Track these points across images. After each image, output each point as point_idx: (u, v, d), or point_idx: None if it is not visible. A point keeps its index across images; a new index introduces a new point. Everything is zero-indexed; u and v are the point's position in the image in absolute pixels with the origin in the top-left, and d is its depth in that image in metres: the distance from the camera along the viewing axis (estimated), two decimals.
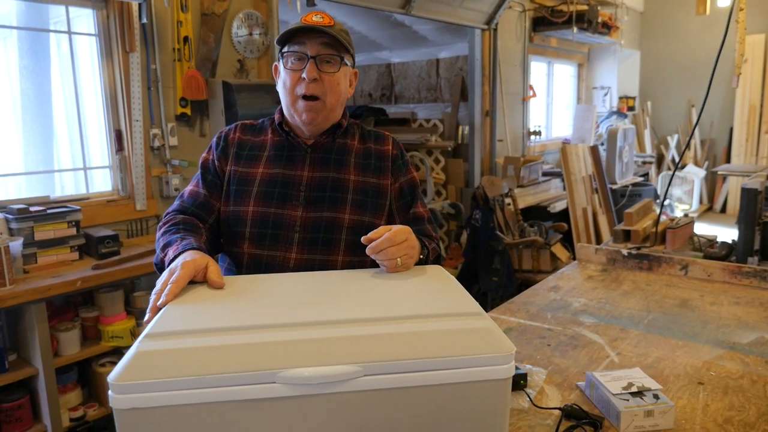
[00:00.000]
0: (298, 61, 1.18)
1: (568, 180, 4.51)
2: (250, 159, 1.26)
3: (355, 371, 0.66)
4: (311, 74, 1.16)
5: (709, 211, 7.24)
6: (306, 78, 1.16)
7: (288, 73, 1.19)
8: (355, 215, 1.22)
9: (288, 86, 1.20)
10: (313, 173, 1.23)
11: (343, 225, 1.20)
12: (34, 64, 2.47)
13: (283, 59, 1.21)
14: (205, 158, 1.29)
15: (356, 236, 1.20)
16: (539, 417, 1.03)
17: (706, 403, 1.06)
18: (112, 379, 0.66)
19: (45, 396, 2.03)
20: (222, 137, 1.30)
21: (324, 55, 1.18)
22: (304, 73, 1.16)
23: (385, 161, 1.29)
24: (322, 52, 1.17)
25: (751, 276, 1.74)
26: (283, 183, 1.22)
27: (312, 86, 1.17)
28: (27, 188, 2.47)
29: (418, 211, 1.32)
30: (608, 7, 6.12)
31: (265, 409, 0.66)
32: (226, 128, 1.32)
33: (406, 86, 5.56)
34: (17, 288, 1.93)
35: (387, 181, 1.28)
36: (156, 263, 1.13)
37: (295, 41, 1.18)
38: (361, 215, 1.23)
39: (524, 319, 1.50)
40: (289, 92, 1.20)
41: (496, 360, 0.67)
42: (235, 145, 1.28)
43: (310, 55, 1.17)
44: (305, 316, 0.75)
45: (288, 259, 1.18)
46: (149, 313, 0.87)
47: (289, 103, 1.22)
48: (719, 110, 7.20)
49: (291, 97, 1.20)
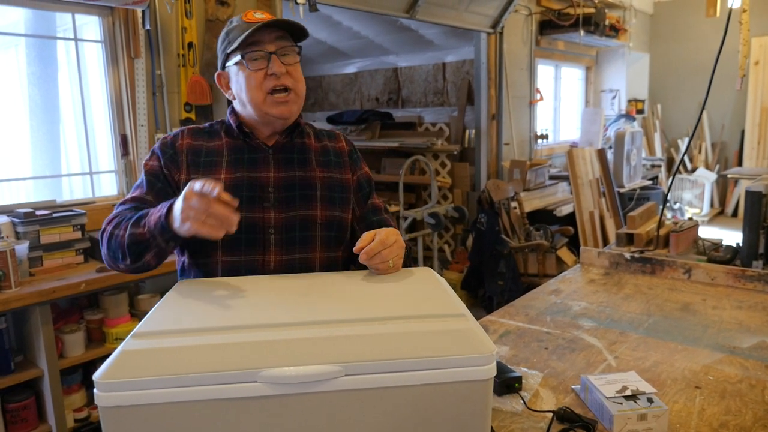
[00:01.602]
0: (259, 60, 1.16)
1: (575, 183, 4.49)
2: (209, 165, 1.21)
3: (335, 371, 0.66)
4: (280, 68, 1.15)
5: (720, 215, 7.16)
6: (276, 73, 1.15)
7: (252, 74, 1.16)
8: (327, 211, 1.23)
9: (253, 85, 1.16)
10: (279, 174, 1.22)
11: (316, 222, 1.21)
12: (41, 70, 2.51)
13: (239, 64, 1.18)
14: (152, 165, 1.21)
15: (329, 231, 1.23)
16: (532, 420, 1.03)
17: (702, 407, 1.05)
18: (97, 378, 0.67)
19: (50, 397, 2.05)
20: (168, 144, 1.23)
21: (282, 49, 1.17)
22: (272, 70, 1.15)
23: (343, 157, 1.31)
24: (279, 46, 1.17)
25: (755, 280, 1.71)
26: (250, 186, 1.19)
27: (284, 79, 1.16)
28: (35, 192, 2.51)
29: (375, 202, 1.34)
30: (616, 10, 6.09)
31: (247, 407, 0.67)
32: (169, 135, 1.25)
33: (412, 90, 5.57)
34: (23, 290, 1.96)
35: (348, 176, 1.30)
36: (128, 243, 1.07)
37: (248, 42, 1.16)
38: (332, 210, 1.24)
39: (523, 323, 1.50)
40: (256, 91, 1.17)
41: (476, 361, 0.67)
42: (188, 152, 1.22)
43: (271, 51, 1.16)
44: (288, 317, 0.75)
45: (268, 262, 1.17)
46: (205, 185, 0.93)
47: (258, 103, 1.18)
48: (730, 113, 7.13)
49: (260, 96, 1.17)
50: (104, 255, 1.14)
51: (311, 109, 6.49)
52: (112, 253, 1.11)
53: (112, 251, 1.11)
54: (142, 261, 1.09)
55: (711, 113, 7.30)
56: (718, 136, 7.29)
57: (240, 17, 1.20)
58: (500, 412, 1.05)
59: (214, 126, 1.28)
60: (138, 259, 1.09)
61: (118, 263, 1.12)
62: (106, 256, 1.13)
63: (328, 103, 6.32)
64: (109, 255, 1.12)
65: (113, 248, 1.10)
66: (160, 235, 1.04)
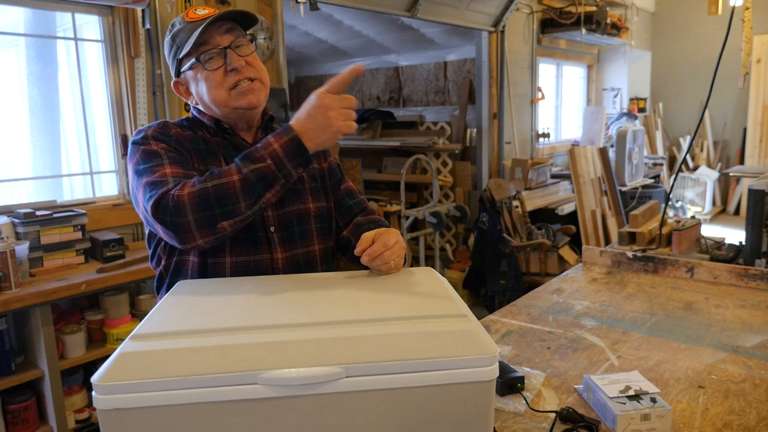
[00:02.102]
0: (215, 59, 1.11)
1: (577, 182, 4.48)
2: (209, 155, 1.14)
3: (337, 373, 0.65)
4: (239, 62, 1.11)
5: (722, 213, 7.14)
6: (236, 68, 1.10)
7: (211, 74, 1.11)
8: (317, 202, 1.22)
9: (215, 84, 1.11)
10: None
11: (310, 214, 1.20)
12: (41, 70, 2.51)
13: (195, 67, 1.12)
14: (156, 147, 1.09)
15: (322, 223, 1.22)
16: (535, 420, 1.02)
17: (706, 407, 1.04)
18: (96, 380, 0.66)
19: (51, 398, 2.05)
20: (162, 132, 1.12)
21: (235, 41, 1.12)
22: (231, 65, 1.10)
23: None
24: (231, 39, 1.12)
25: (758, 279, 1.70)
26: None
27: (245, 71, 1.12)
28: (35, 193, 2.50)
29: (349, 186, 1.32)
30: (618, 8, 6.07)
31: (248, 410, 0.66)
32: (150, 127, 1.14)
33: (414, 89, 5.56)
34: (23, 291, 1.95)
35: (323, 165, 1.29)
36: (247, 183, 0.95)
37: (199, 43, 1.10)
38: (320, 201, 1.23)
39: (525, 322, 1.49)
40: (217, 89, 1.11)
41: (479, 362, 0.66)
42: (185, 140, 1.13)
43: (225, 46, 1.11)
44: (289, 318, 0.75)
45: (276, 260, 1.15)
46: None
47: (223, 101, 1.12)
48: (732, 111, 7.11)
49: (223, 94, 1.11)
50: (190, 222, 0.95)
51: None
52: (208, 210, 0.95)
53: (209, 206, 0.95)
54: (259, 203, 0.98)
55: (713, 111, 7.28)
56: (720, 134, 7.27)
57: (181, 17, 1.14)
58: (503, 412, 1.04)
59: (187, 122, 1.20)
60: (256, 202, 0.97)
61: (219, 221, 0.96)
62: (197, 222, 0.96)
63: None
64: (203, 215, 0.95)
65: (210, 202, 0.95)
66: (292, 159, 0.96)
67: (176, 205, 0.95)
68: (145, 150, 1.08)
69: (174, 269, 1.13)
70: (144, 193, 1.01)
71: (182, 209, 0.95)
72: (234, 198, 0.96)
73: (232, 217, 0.97)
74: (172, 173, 1.04)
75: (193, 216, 0.95)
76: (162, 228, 0.98)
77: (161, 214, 0.96)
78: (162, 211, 0.96)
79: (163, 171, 1.03)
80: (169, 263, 1.14)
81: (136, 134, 1.13)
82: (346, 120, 0.99)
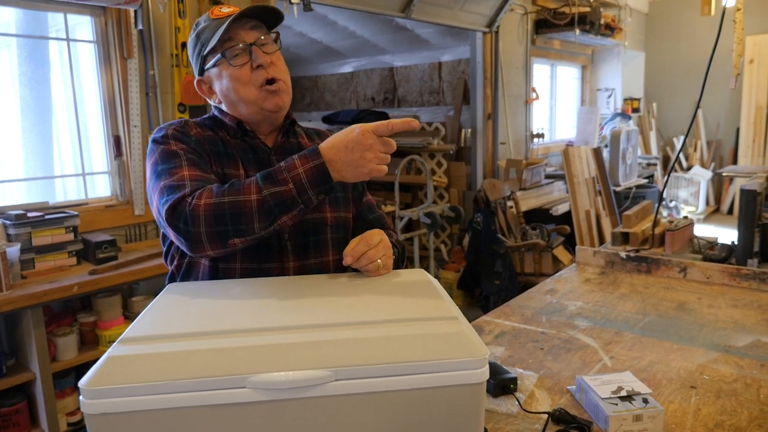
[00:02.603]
0: (240, 55, 1.10)
1: (571, 182, 4.49)
2: (228, 158, 1.13)
3: (325, 376, 0.65)
4: (264, 59, 1.10)
5: (716, 213, 7.17)
6: (262, 64, 1.09)
7: (237, 70, 1.10)
8: (335, 212, 1.19)
9: (243, 81, 1.10)
10: None
11: (327, 224, 1.17)
12: (33, 71, 2.49)
13: (220, 64, 1.12)
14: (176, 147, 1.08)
15: (339, 233, 1.19)
16: (527, 421, 1.02)
17: (698, 407, 1.04)
18: (83, 385, 0.66)
19: (42, 401, 2.04)
20: (182, 131, 1.11)
21: (260, 39, 1.12)
22: (257, 61, 1.09)
23: None
24: (256, 36, 1.11)
25: (750, 278, 1.71)
26: None
27: (271, 70, 1.11)
28: (27, 194, 2.49)
29: (369, 200, 1.31)
30: (611, 9, 6.09)
31: (236, 414, 0.66)
32: (171, 125, 1.13)
33: (408, 90, 5.57)
34: (14, 293, 1.94)
35: None
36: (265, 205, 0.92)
37: (224, 39, 1.10)
38: (338, 211, 1.20)
39: (519, 323, 1.49)
40: (246, 87, 1.10)
41: (469, 364, 0.66)
42: (204, 142, 1.12)
43: (250, 43, 1.10)
44: (277, 321, 0.74)
45: (287, 269, 1.13)
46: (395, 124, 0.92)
47: (252, 99, 1.11)
48: (725, 111, 7.15)
49: (253, 91, 1.11)
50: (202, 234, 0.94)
51: (307, 109, 6.48)
52: (221, 225, 0.93)
53: (223, 222, 0.93)
54: (274, 226, 0.95)
55: (706, 111, 7.32)
56: (714, 134, 7.31)
57: (206, 16, 1.14)
58: (495, 413, 1.04)
59: (208, 121, 1.19)
60: (271, 224, 0.95)
61: (231, 237, 0.95)
62: (209, 235, 0.94)
63: (324, 102, 6.31)
64: (216, 230, 0.94)
65: (225, 218, 0.93)
66: (314, 187, 0.94)
67: (191, 214, 0.94)
68: (164, 149, 1.07)
69: (185, 270, 1.13)
70: (161, 195, 1.00)
71: (196, 220, 0.94)
72: (249, 218, 0.94)
73: (244, 236, 0.95)
74: (190, 176, 1.02)
75: (206, 228, 0.94)
76: (174, 233, 0.98)
77: (175, 220, 0.96)
78: (177, 218, 0.95)
79: (181, 174, 1.02)
80: (181, 263, 1.13)
81: (157, 132, 1.12)
82: (380, 164, 0.95)
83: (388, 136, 0.95)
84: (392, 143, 0.96)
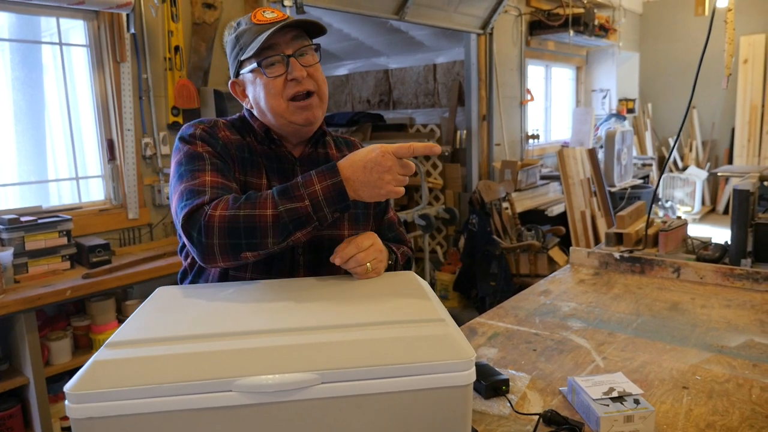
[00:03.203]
0: (276, 65, 1.08)
1: (566, 183, 4.50)
2: (253, 166, 1.12)
3: (312, 379, 0.65)
4: (300, 72, 1.07)
5: (711, 213, 7.19)
6: (297, 78, 1.07)
7: (271, 81, 1.08)
8: (353, 230, 1.16)
9: (274, 93, 1.08)
10: None
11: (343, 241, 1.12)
12: (26, 75, 2.49)
13: (255, 71, 1.10)
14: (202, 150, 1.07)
15: None
16: (519, 423, 1.02)
17: (690, 407, 1.04)
18: (68, 389, 0.65)
19: (36, 405, 2.03)
20: (210, 134, 1.10)
21: (300, 50, 1.09)
22: (292, 75, 1.07)
23: None
24: (297, 47, 1.09)
25: (744, 278, 1.71)
26: None
27: (305, 84, 1.08)
28: (21, 198, 2.48)
29: (391, 217, 1.30)
30: (605, 10, 6.11)
31: (222, 417, 0.65)
32: (202, 123, 1.12)
33: (403, 92, 5.57)
34: (7, 298, 1.93)
35: None
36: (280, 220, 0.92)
37: (263, 48, 1.07)
38: (357, 228, 1.17)
39: (512, 324, 1.49)
40: (276, 98, 1.08)
41: (455, 366, 0.65)
42: (231, 146, 1.11)
43: (288, 54, 1.07)
44: (264, 324, 0.74)
45: None
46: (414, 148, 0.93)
47: (280, 112, 1.09)
48: (720, 111, 7.17)
49: (281, 104, 1.09)
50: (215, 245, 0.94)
51: None
52: (235, 239, 0.94)
53: (236, 235, 0.94)
54: (288, 241, 0.95)
55: (701, 111, 7.34)
56: (709, 134, 7.33)
57: (248, 18, 1.11)
58: (487, 415, 1.04)
59: (238, 123, 1.18)
60: (285, 240, 0.95)
61: (243, 251, 0.95)
62: (222, 246, 0.94)
63: None
64: (229, 242, 0.94)
65: (239, 231, 0.93)
66: (331, 205, 0.94)
67: (206, 225, 0.94)
68: (190, 150, 1.07)
69: (198, 269, 1.13)
70: (180, 199, 1.01)
71: (210, 231, 0.94)
72: (263, 233, 0.94)
73: (256, 250, 0.95)
74: (212, 182, 1.02)
75: (219, 240, 0.94)
76: (188, 241, 0.98)
77: (190, 228, 0.96)
78: (192, 226, 0.96)
79: (203, 178, 1.02)
80: (194, 262, 1.12)
81: (186, 128, 1.11)
82: (398, 186, 0.96)
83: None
84: (411, 166, 0.95)
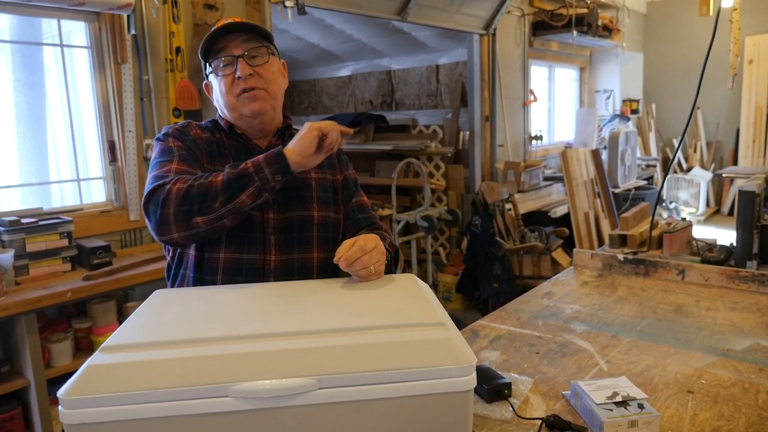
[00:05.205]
0: (228, 66, 1.18)
1: (569, 184, 4.47)
2: (221, 157, 1.23)
3: (309, 384, 0.64)
4: (245, 71, 1.17)
5: (716, 214, 7.15)
6: (241, 76, 1.17)
7: (221, 80, 1.19)
8: (322, 211, 1.25)
9: (224, 90, 1.19)
10: None
11: (313, 222, 1.23)
12: (27, 77, 2.49)
13: (213, 72, 1.21)
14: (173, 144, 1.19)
15: (326, 232, 1.25)
16: (521, 427, 1.00)
17: (695, 412, 1.02)
18: (62, 394, 0.64)
19: (37, 407, 2.02)
20: (182, 132, 1.23)
21: (250, 51, 1.19)
22: (237, 73, 1.17)
23: (333, 158, 1.33)
24: (246, 48, 1.18)
25: (749, 281, 1.69)
26: None
27: (250, 81, 1.18)
28: (23, 200, 2.48)
29: (361, 200, 1.36)
30: (609, 10, 6.09)
31: (218, 423, 0.64)
32: (175, 125, 1.25)
33: (406, 93, 5.56)
34: (8, 300, 1.93)
35: (338, 177, 1.33)
36: (225, 182, 1.04)
37: (217, 49, 1.19)
38: (327, 211, 1.26)
39: (515, 327, 1.47)
40: (227, 95, 1.19)
41: (455, 372, 0.64)
42: (200, 142, 1.23)
43: (237, 55, 1.17)
44: (261, 328, 0.73)
45: (269, 262, 1.19)
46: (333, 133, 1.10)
47: (230, 106, 1.21)
48: (725, 112, 7.13)
49: (231, 99, 1.20)
50: (170, 215, 1.03)
51: (305, 113, 6.47)
52: (187, 204, 1.03)
53: (189, 201, 1.03)
54: (233, 203, 1.04)
55: (706, 112, 7.30)
56: (713, 135, 7.29)
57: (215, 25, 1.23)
58: (489, 419, 1.03)
59: (210, 124, 1.29)
60: (230, 200, 1.04)
61: (194, 216, 1.03)
62: (176, 215, 1.03)
63: (322, 106, 6.30)
64: (182, 209, 1.03)
65: (191, 198, 1.03)
66: (270, 165, 1.05)
67: (164, 198, 1.04)
68: (163, 146, 1.19)
69: (178, 260, 1.21)
70: (148, 185, 1.11)
71: (168, 201, 1.03)
72: (213, 196, 1.03)
73: (206, 214, 1.04)
74: (177, 170, 1.12)
75: (174, 209, 1.03)
76: (146, 216, 1.06)
77: (149, 203, 1.05)
78: (151, 201, 1.05)
79: (169, 167, 1.13)
80: (175, 255, 1.22)
81: (162, 131, 1.24)
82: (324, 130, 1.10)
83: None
84: (337, 130, 1.11)
